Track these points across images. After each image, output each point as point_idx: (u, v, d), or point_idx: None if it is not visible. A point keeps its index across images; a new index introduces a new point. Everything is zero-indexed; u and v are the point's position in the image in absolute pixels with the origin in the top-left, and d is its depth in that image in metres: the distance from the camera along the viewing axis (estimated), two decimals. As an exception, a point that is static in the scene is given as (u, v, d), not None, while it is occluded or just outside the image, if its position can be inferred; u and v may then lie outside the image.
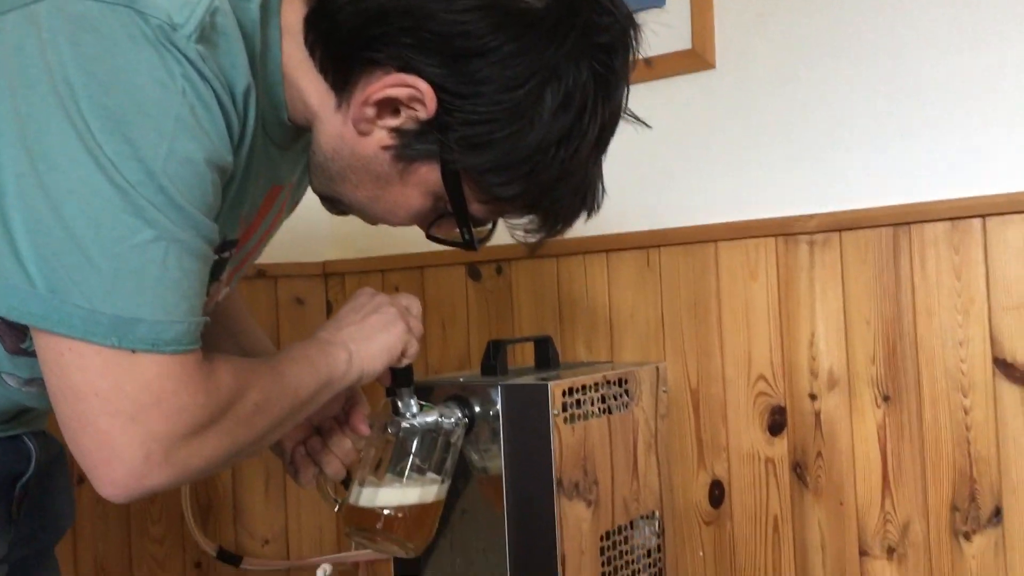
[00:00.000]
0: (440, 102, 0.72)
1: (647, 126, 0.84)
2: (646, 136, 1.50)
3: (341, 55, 0.75)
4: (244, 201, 0.78)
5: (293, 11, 0.76)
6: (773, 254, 1.38)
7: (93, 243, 0.63)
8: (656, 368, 1.21)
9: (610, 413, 1.12)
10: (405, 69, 0.72)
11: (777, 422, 1.38)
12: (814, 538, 1.35)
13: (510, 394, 1.04)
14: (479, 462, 1.07)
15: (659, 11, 1.47)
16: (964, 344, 1.24)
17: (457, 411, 1.04)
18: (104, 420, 0.66)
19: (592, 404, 1.09)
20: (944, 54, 1.27)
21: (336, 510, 1.02)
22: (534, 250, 0.82)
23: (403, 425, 1.00)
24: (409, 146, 0.76)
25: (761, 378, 1.39)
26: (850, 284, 1.32)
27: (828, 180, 1.35)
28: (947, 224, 1.25)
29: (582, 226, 1.53)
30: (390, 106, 0.74)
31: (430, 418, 1.01)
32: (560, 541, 1.02)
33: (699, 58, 1.44)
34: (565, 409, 1.04)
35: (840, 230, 1.33)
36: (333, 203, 0.84)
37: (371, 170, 0.78)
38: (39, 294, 0.64)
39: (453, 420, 1.03)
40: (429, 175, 0.77)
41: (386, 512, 0.96)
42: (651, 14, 1.46)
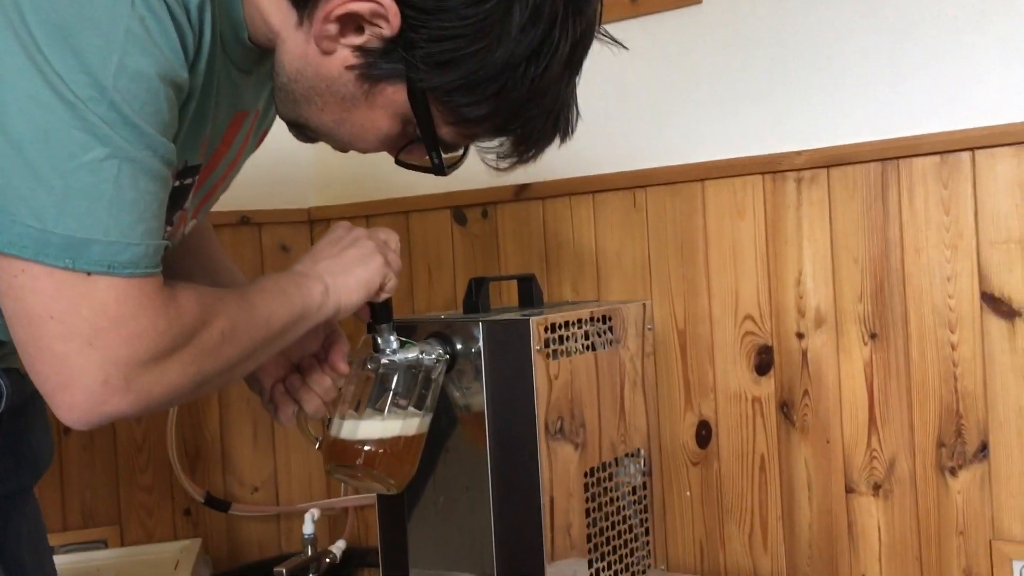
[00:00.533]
0: (404, 18, 0.70)
1: (623, 47, 0.82)
2: (631, 74, 1.48)
3: None
4: (205, 125, 0.76)
5: None
6: (760, 192, 1.36)
7: (42, 160, 0.61)
8: (643, 305, 1.19)
9: (594, 350, 1.10)
10: None
11: (764, 361, 1.37)
12: (800, 476, 1.34)
13: (492, 330, 1.03)
14: (461, 400, 1.06)
15: (645, -56, 1.44)
16: (952, 279, 1.23)
17: (438, 348, 1.03)
18: (60, 344, 0.64)
19: (576, 341, 1.07)
20: (934, -17, 1.24)
21: (316, 447, 1.01)
22: (505, 171, 0.79)
23: (383, 361, 0.98)
24: (374, 65, 0.73)
25: (748, 318, 1.38)
26: (838, 221, 1.31)
27: (816, 116, 1.32)
28: (936, 158, 1.23)
29: (567, 167, 1.52)
30: (353, 23, 0.72)
31: (411, 354, 1.00)
32: (544, 478, 1.02)
33: (685, -8, 1.41)
34: (548, 345, 1.02)
35: (828, 166, 1.31)
36: (300, 129, 0.82)
37: (336, 92, 0.76)
38: None
39: (434, 356, 1.02)
40: (396, 96, 0.75)
41: (367, 448, 0.96)
42: (636, -53, 1.43)
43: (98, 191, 0.63)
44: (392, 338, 0.99)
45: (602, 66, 0.86)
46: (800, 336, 1.34)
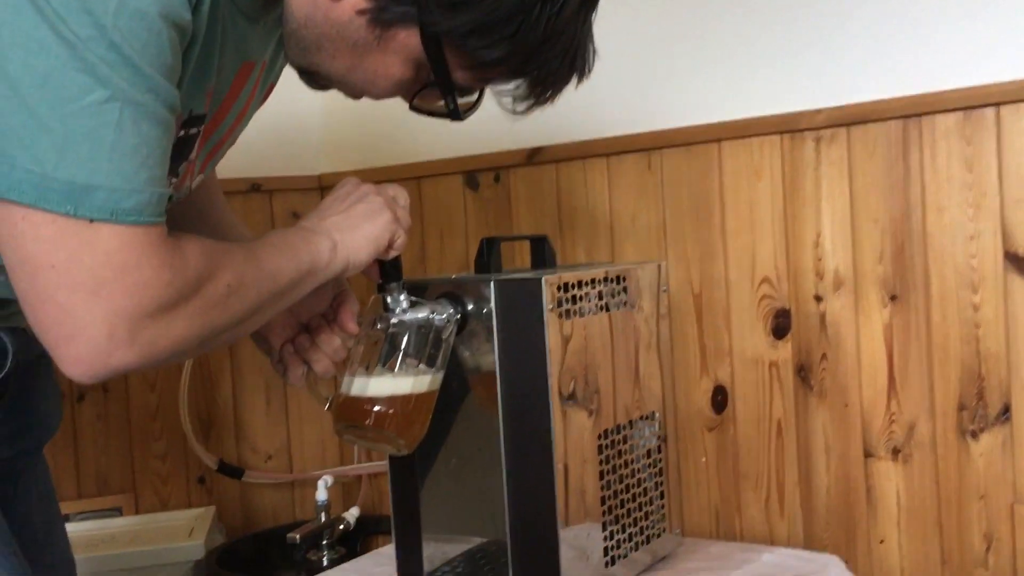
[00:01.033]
0: None
1: None
2: (644, 33, 1.45)
3: None
4: (210, 73, 0.74)
5: None
6: (778, 152, 1.33)
7: (41, 102, 0.60)
8: (658, 267, 1.17)
9: (608, 311, 1.08)
10: None
11: (781, 325, 1.34)
12: (818, 441, 1.33)
13: (503, 289, 1.01)
14: (472, 361, 1.05)
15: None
16: (975, 239, 1.20)
17: (449, 307, 1.01)
18: (63, 294, 0.63)
19: (589, 301, 1.05)
20: (959, -66, 1.20)
21: (326, 408, 0.99)
22: (522, 114, 0.77)
23: (393, 321, 0.97)
24: (385, 9, 0.72)
25: (765, 280, 1.35)
26: (857, 181, 1.28)
27: (835, 73, 1.29)
28: (959, 115, 1.20)
29: (580, 129, 1.49)
30: None
31: (421, 314, 0.98)
32: (557, 441, 1.00)
33: (701, -52, 1.38)
34: (560, 304, 1.01)
35: (848, 125, 1.28)
36: (311, 77, 0.80)
37: (347, 37, 0.74)
38: None
39: (445, 316, 1.00)
40: (408, 41, 0.73)
41: (376, 408, 0.94)
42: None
43: (99, 135, 0.61)
44: (402, 297, 0.97)
45: (615, 25, 0.84)
46: (818, 299, 1.31)
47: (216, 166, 1.04)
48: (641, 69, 1.44)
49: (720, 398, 1.40)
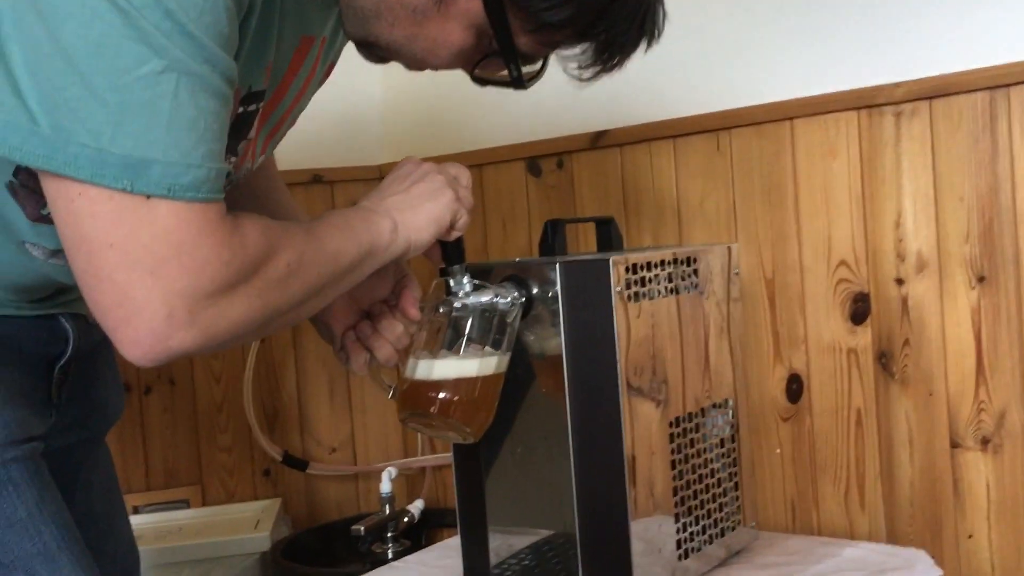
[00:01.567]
0: None
1: None
2: (710, 7, 1.40)
3: None
4: (268, 47, 0.72)
5: None
6: (855, 129, 1.27)
7: (96, 73, 0.58)
8: (728, 248, 1.12)
9: (677, 294, 1.04)
10: None
11: (860, 310, 1.29)
12: (901, 431, 1.26)
13: (569, 272, 0.97)
14: (537, 347, 1.01)
15: None
16: (1070, 215, 1.13)
17: (514, 291, 0.98)
18: (121, 274, 0.61)
19: (658, 283, 1.01)
20: None
21: (390, 396, 0.97)
22: (589, 81, 0.73)
23: (456, 305, 0.94)
24: None
25: (842, 264, 1.29)
26: (941, 157, 1.22)
27: (914, 43, 1.23)
28: (1051, 83, 1.13)
29: (645, 111, 1.45)
30: None
31: (484, 298, 0.95)
32: (627, 429, 0.96)
33: (771, -82, 1.32)
34: (629, 287, 0.97)
35: (930, 98, 1.21)
36: (370, 48, 0.78)
37: (406, 4, 0.71)
38: (42, 132, 0.59)
39: (509, 300, 0.97)
40: (470, 5, 0.71)
41: (442, 395, 0.91)
42: None
43: (156, 107, 0.59)
44: (465, 280, 0.94)
45: (679, 0, 0.80)
46: (900, 282, 1.25)
47: (277, 157, 1.02)
48: (707, 46, 1.39)
49: (795, 387, 1.34)
